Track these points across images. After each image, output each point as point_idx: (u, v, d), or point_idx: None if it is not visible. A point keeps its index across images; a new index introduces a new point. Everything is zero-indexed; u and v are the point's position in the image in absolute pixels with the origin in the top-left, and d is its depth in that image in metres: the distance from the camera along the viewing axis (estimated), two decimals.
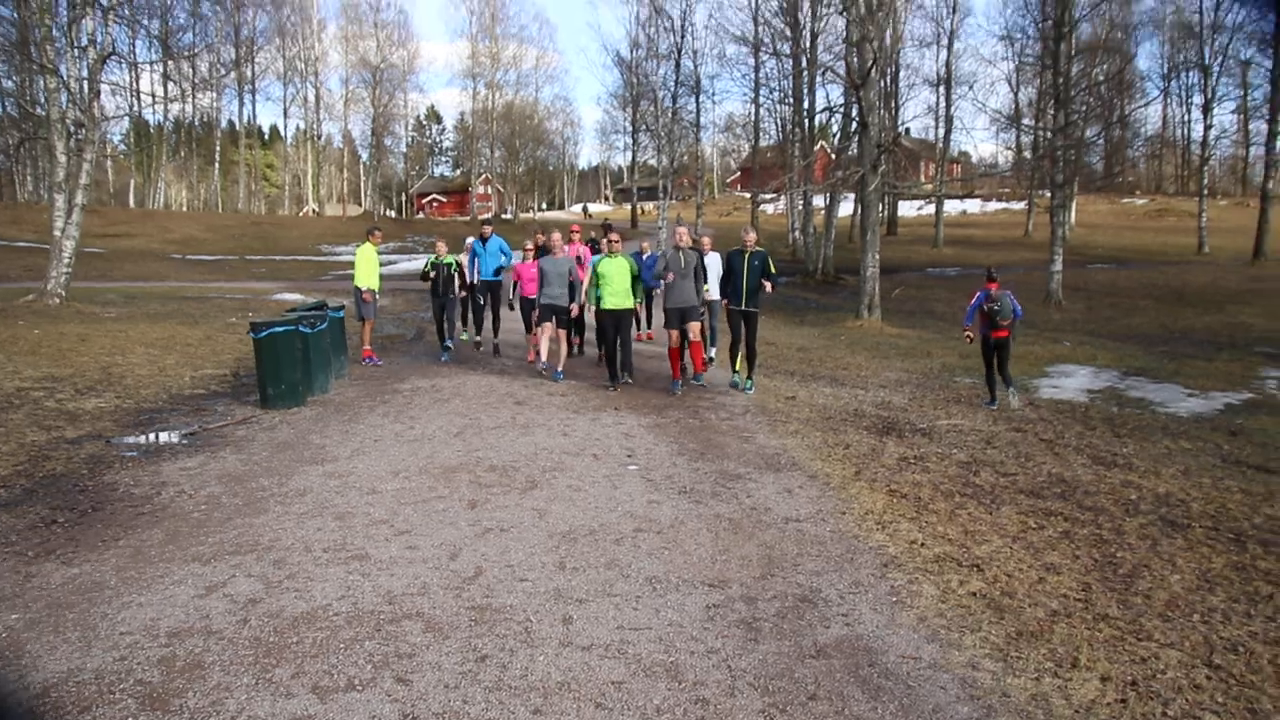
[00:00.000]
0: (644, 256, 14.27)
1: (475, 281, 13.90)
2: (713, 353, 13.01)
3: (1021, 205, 52.31)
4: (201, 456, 7.49)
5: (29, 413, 8.78)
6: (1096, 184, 49.88)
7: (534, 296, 12.21)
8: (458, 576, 4.76)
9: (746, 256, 10.76)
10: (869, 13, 19.87)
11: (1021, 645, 4.06)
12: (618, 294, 10.92)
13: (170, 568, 4.86)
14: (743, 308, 10.88)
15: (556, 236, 12.50)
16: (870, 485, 6.81)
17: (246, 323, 16.65)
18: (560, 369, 11.66)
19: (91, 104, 20.42)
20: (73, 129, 20.16)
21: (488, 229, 14.48)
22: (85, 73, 20.39)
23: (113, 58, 21.35)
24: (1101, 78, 39.85)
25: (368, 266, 13.05)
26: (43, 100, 25.35)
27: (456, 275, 13.36)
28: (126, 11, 23.63)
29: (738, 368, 11.34)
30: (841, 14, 25.06)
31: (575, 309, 11.75)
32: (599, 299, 11.05)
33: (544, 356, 11.70)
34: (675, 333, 10.73)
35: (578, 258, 13.00)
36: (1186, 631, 4.29)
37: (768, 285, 10.73)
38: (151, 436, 8.20)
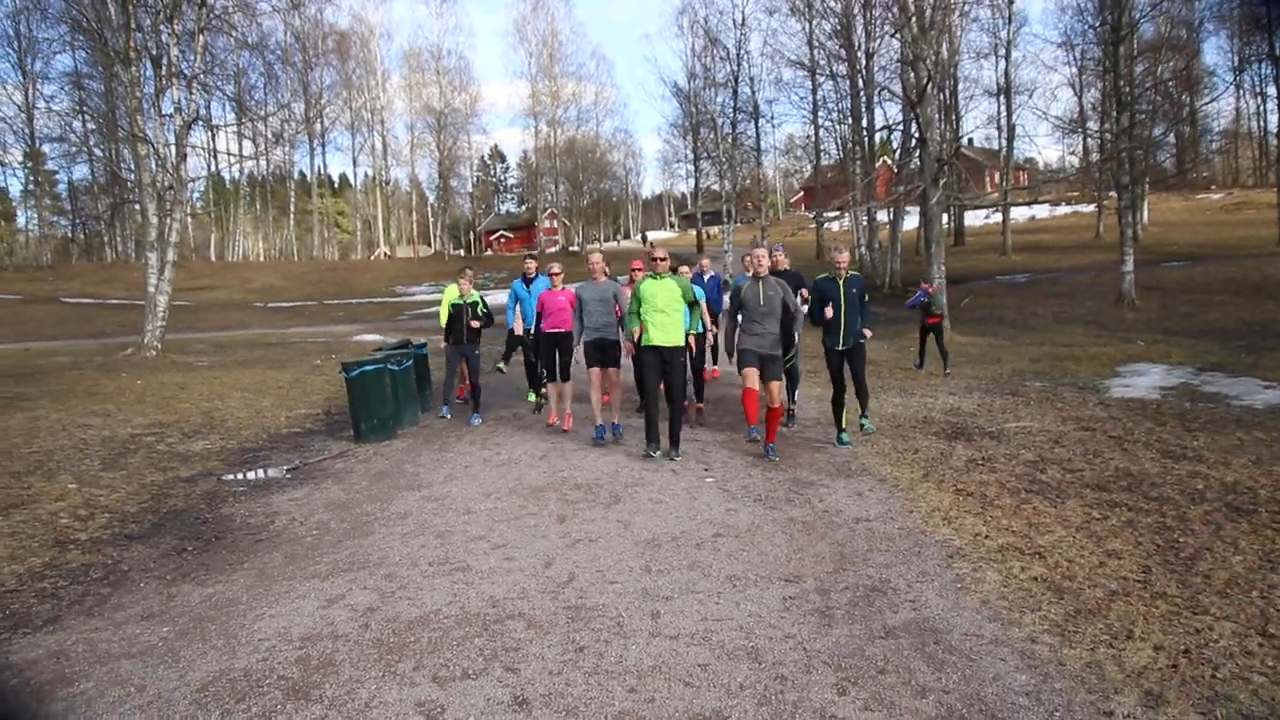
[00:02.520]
0: (705, 277, 12.48)
1: (519, 331, 11.72)
2: (796, 396, 10.71)
3: (1091, 208, 51.54)
4: (306, 488, 8.06)
5: (145, 456, 9.45)
6: (1168, 181, 48.97)
7: (557, 331, 10.26)
8: (553, 582, 5.20)
9: (843, 283, 8.95)
10: (921, 32, 20.14)
11: (1079, 622, 4.34)
12: (665, 326, 8.64)
13: (293, 584, 5.38)
14: (843, 347, 9.05)
15: (596, 258, 9.87)
16: (938, 486, 7.11)
17: (332, 365, 17.49)
18: (617, 420, 9.77)
19: (179, 167, 21.58)
20: (162, 192, 21.33)
21: (532, 265, 11.71)
22: (172, 138, 21.61)
23: (197, 122, 22.45)
24: (1168, 75, 39.31)
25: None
26: (130, 166, 26.85)
27: (483, 318, 11.25)
28: (206, 79, 24.88)
29: (844, 424, 9.09)
30: (894, 36, 25.35)
31: (629, 347, 9.23)
32: (644, 333, 8.80)
33: (598, 414, 9.56)
34: (753, 371, 8.62)
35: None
36: (1244, 606, 4.51)
37: (867, 332, 9.11)
38: (258, 473, 8.79)
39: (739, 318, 8.93)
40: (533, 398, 12.20)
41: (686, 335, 9.20)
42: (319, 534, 6.53)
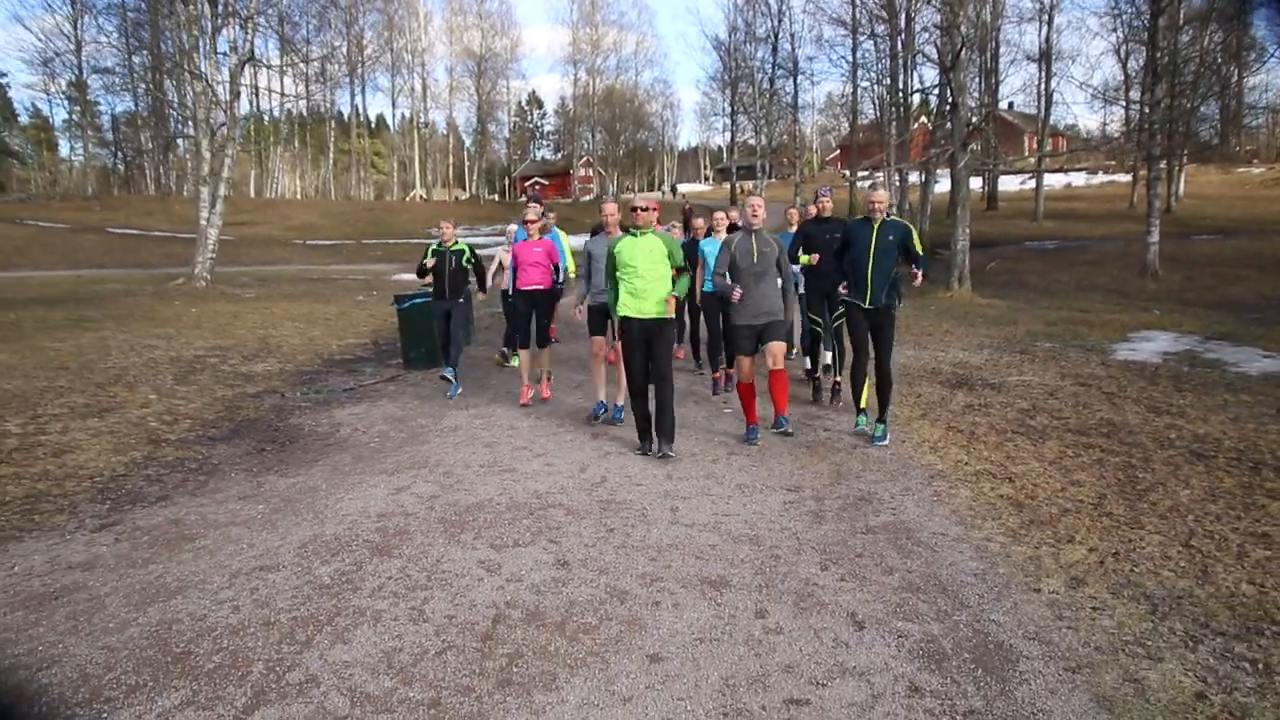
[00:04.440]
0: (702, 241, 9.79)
1: (505, 285, 10.38)
2: (828, 358, 9.49)
3: (1127, 178, 51.35)
4: (364, 405, 8.95)
5: (211, 375, 10.37)
6: (1205, 155, 48.61)
7: (534, 289, 9.00)
8: (587, 482, 6.08)
9: (876, 228, 7.22)
10: None
11: (1031, 529, 5.14)
12: (646, 294, 6.96)
13: (364, 478, 6.27)
14: (868, 305, 7.30)
15: (610, 208, 8.23)
16: (932, 423, 7.88)
17: (375, 300, 18.40)
18: (620, 402, 8.22)
19: (233, 104, 22.39)
20: (215, 128, 22.18)
21: (533, 209, 9.62)
22: (225, 75, 22.39)
23: (251, 61, 23.18)
24: (1215, 46, 38.97)
25: None
26: (174, 101, 27.61)
27: (472, 270, 9.76)
28: (262, 20, 25.54)
29: (864, 404, 7.68)
30: (929, 2, 25.61)
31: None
32: (617, 301, 7.12)
33: (599, 388, 8.33)
34: (746, 360, 7.42)
35: None
36: (1176, 525, 5.26)
37: (918, 275, 7.39)
38: (318, 391, 9.68)
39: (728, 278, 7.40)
40: (500, 359, 11.35)
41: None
42: (380, 441, 7.42)
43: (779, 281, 7.35)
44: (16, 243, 35.11)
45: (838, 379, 9.08)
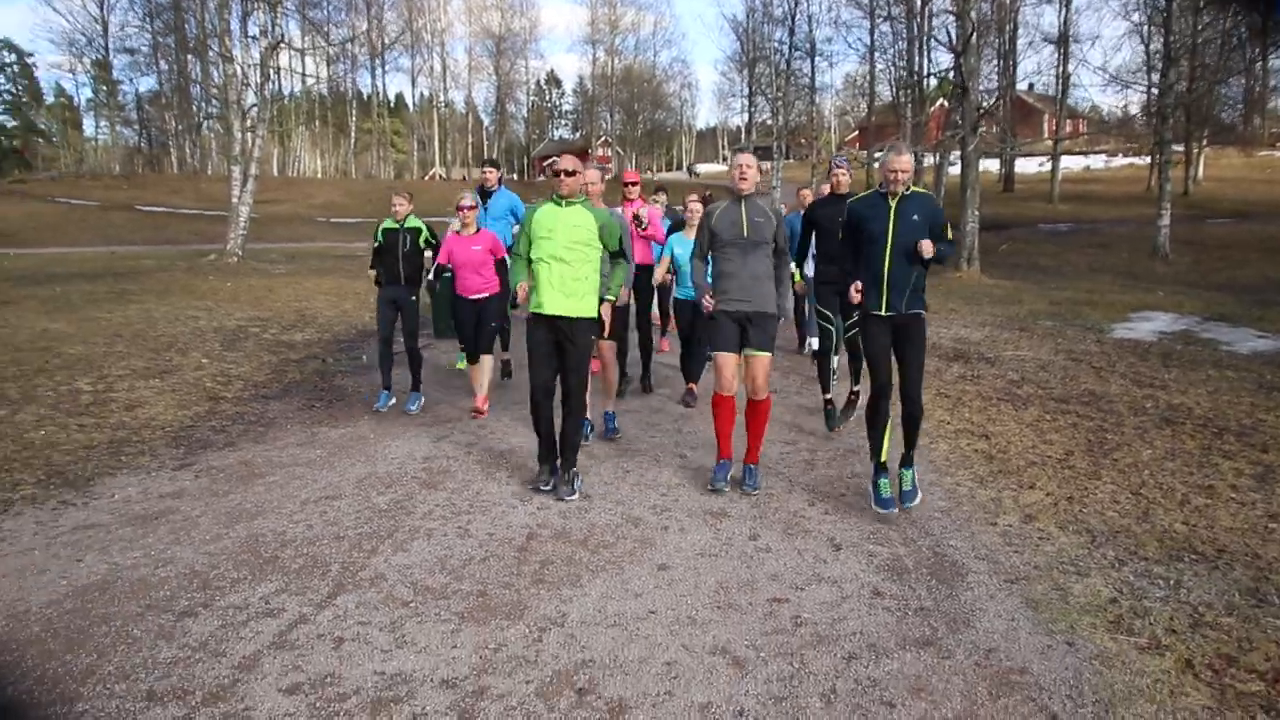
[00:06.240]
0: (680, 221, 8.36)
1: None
2: (835, 362, 7.52)
3: (1147, 160, 51.45)
4: (400, 369, 9.62)
5: (255, 342, 11.11)
6: (1224, 137, 48.62)
7: (479, 296, 7.69)
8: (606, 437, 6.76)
9: (894, 205, 5.05)
10: None
11: (998, 477, 5.82)
12: (563, 282, 5.43)
13: (406, 429, 7.02)
14: (887, 312, 5.15)
15: (593, 175, 6.16)
16: (923, 390, 8.52)
17: None
18: (611, 409, 7.02)
19: (263, 87, 23.13)
20: (247, 110, 22.93)
21: (491, 174, 8.79)
22: (256, 58, 23.15)
23: (281, 44, 23.88)
24: (1240, 26, 39.05)
25: None
26: (198, 80, 28.29)
27: (428, 251, 8.16)
28: (289, 4, 26.24)
29: (883, 456, 5.32)
30: None
31: (623, 296, 6.64)
32: (532, 292, 5.58)
33: (608, 400, 7.02)
34: (729, 361, 5.63)
35: (635, 218, 7.93)
36: (1131, 478, 5.91)
37: (925, 248, 4.94)
38: (356, 358, 10.41)
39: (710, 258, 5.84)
40: (461, 364, 9.26)
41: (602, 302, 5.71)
42: None
43: (768, 264, 5.66)
44: (51, 219, 36.13)
45: (855, 389, 7.55)
